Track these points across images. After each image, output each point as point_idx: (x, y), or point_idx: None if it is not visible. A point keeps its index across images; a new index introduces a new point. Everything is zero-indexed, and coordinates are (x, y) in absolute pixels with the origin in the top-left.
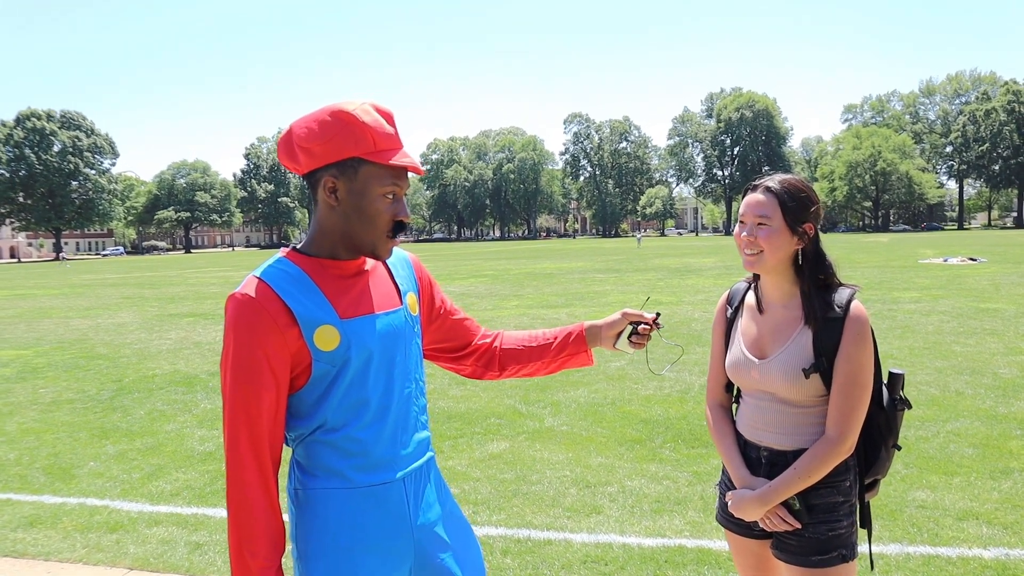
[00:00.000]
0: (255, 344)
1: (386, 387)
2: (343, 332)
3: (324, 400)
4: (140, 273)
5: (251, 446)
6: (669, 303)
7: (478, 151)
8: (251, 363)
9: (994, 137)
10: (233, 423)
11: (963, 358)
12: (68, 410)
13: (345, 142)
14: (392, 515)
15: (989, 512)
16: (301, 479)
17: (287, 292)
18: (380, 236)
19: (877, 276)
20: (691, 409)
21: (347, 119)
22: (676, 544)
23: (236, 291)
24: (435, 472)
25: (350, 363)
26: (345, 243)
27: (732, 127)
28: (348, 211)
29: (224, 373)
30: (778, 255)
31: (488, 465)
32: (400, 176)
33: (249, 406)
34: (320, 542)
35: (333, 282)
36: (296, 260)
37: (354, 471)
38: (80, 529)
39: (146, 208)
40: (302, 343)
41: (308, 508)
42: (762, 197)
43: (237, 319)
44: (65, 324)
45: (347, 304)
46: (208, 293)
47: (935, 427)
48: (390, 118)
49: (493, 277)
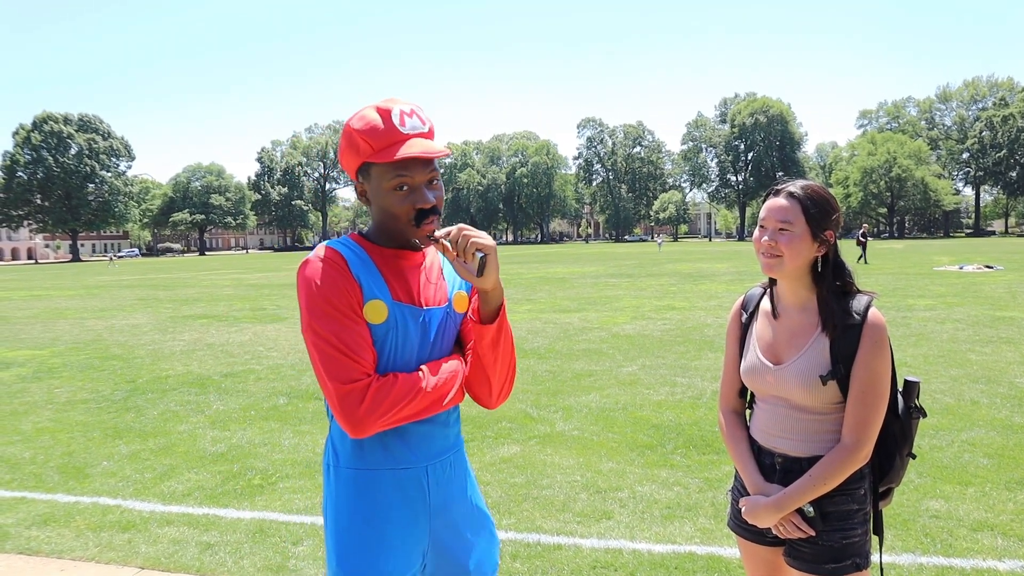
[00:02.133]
0: (337, 288)
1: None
2: (391, 310)
3: None
4: (155, 275)
5: (358, 370)
6: (682, 308)
7: (491, 155)
8: (338, 300)
9: (1011, 143)
10: (329, 360)
11: (978, 367)
12: (82, 410)
13: (351, 153)
14: (410, 500)
15: (1004, 523)
16: (334, 457)
17: (352, 261)
18: (405, 226)
19: (892, 283)
20: (703, 415)
21: (347, 132)
22: (687, 551)
23: (310, 256)
24: (462, 464)
25: (387, 343)
26: (388, 234)
27: (746, 132)
28: (376, 209)
29: (308, 319)
30: (798, 261)
31: (499, 469)
32: (407, 167)
33: (344, 335)
34: (344, 517)
35: (390, 267)
36: (360, 242)
37: (376, 454)
38: (93, 528)
39: (161, 210)
40: (360, 307)
41: (337, 485)
42: (785, 202)
43: (315, 272)
44: (80, 325)
45: (400, 289)
46: (222, 295)
47: (950, 436)
48: (387, 114)
49: (506, 281)
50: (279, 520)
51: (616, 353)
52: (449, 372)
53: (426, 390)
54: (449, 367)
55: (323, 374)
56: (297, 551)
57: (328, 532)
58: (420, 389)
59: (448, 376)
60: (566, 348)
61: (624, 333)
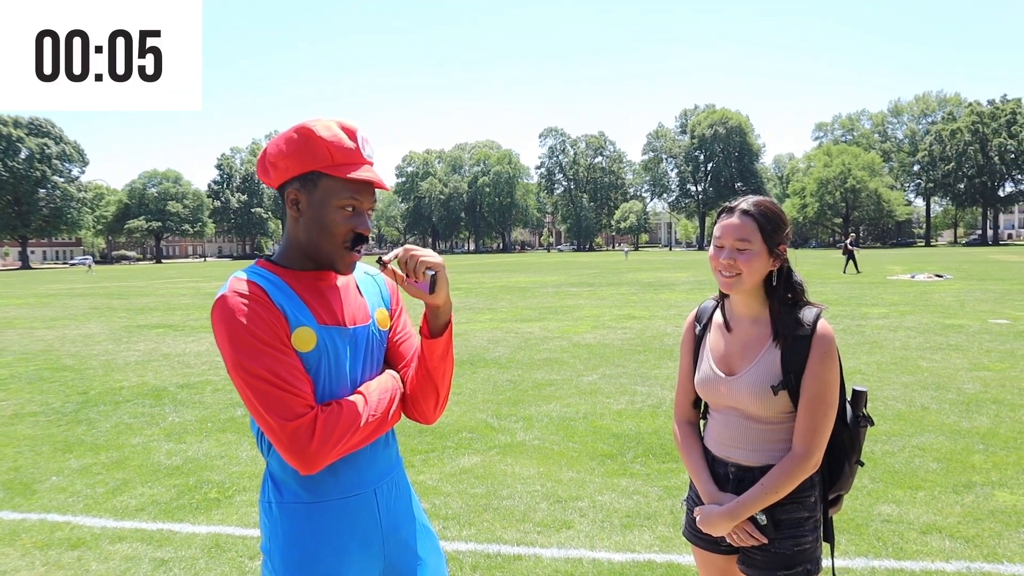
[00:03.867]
0: (261, 321)
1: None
2: (320, 335)
3: None
4: (109, 283)
5: (296, 403)
6: (642, 317)
7: (453, 164)
8: (264, 334)
9: (959, 156)
10: (267, 398)
11: (929, 373)
12: (31, 423)
13: (305, 157)
14: (363, 526)
15: (952, 526)
16: (274, 493)
17: (270, 291)
18: (338, 247)
19: (846, 292)
20: (662, 424)
21: (307, 134)
22: (646, 559)
23: (224, 291)
24: (404, 484)
25: (321, 369)
26: (309, 254)
27: (706, 143)
28: (308, 222)
29: (236, 358)
30: (756, 277)
31: (459, 480)
32: (360, 191)
33: (279, 370)
34: (295, 556)
35: (308, 291)
36: (271, 269)
37: (326, 484)
38: (40, 546)
39: (116, 217)
40: (288, 337)
41: (282, 522)
42: (740, 221)
43: (235, 308)
44: (30, 335)
45: (323, 311)
46: (179, 304)
47: (901, 442)
48: (353, 134)
49: (467, 290)
50: (236, 534)
51: (577, 362)
52: (388, 390)
53: (372, 412)
54: (387, 385)
55: (263, 413)
56: (254, 566)
57: (276, 572)
58: (366, 413)
59: (388, 395)
60: (527, 358)
61: (585, 342)
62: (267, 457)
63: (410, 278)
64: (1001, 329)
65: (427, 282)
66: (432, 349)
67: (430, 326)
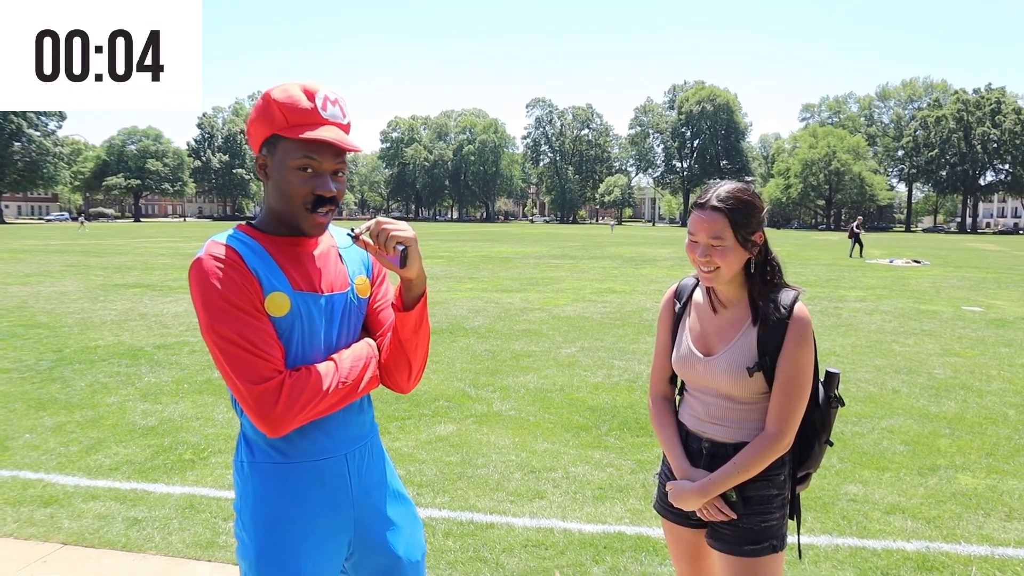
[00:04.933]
0: (234, 285)
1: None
2: (293, 301)
3: None
4: (86, 241)
5: (268, 368)
6: (623, 292)
7: (439, 131)
8: (237, 298)
9: (943, 144)
10: (236, 361)
11: (901, 357)
12: (3, 380)
13: (265, 121)
14: (333, 490)
15: (914, 507)
16: (247, 452)
17: (246, 255)
18: (299, 209)
19: (826, 274)
20: (638, 398)
21: (266, 99)
22: (616, 531)
23: (200, 254)
24: (379, 450)
25: (294, 334)
26: (280, 219)
27: (693, 120)
28: (273, 187)
29: (208, 321)
30: (734, 268)
31: (434, 447)
32: (317, 150)
33: (249, 334)
34: (264, 514)
35: (285, 256)
36: (250, 233)
37: (296, 446)
38: (12, 503)
39: (94, 174)
40: (261, 302)
41: (253, 481)
42: (712, 217)
43: (210, 271)
44: (3, 290)
45: (299, 277)
46: (157, 264)
47: (871, 423)
48: (312, 95)
49: (449, 259)
50: (210, 496)
51: (556, 334)
52: (363, 358)
53: (342, 379)
54: (361, 353)
55: (232, 375)
56: (228, 527)
57: (247, 531)
58: (335, 380)
59: (362, 363)
60: (506, 328)
61: (564, 315)
62: (241, 418)
63: (381, 250)
64: (974, 316)
65: (397, 256)
66: (404, 322)
67: (404, 299)
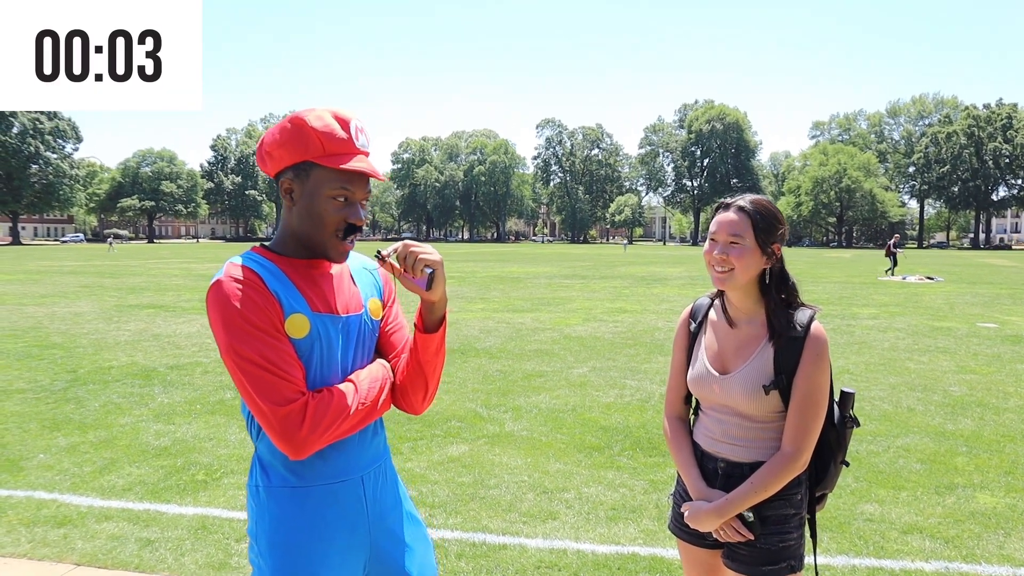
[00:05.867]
0: (255, 306)
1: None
2: (313, 322)
3: None
4: (100, 262)
5: (290, 391)
6: (634, 311)
7: (450, 152)
8: (258, 319)
9: (954, 159)
10: (259, 383)
11: (916, 375)
12: (19, 400)
13: (297, 147)
14: (349, 512)
15: (932, 526)
16: (263, 477)
17: (266, 277)
18: (330, 237)
19: (838, 292)
20: (650, 418)
21: (299, 124)
22: (630, 552)
23: (219, 276)
24: (392, 471)
25: (313, 356)
26: (303, 243)
27: (703, 139)
28: (301, 212)
29: (229, 342)
30: (748, 273)
31: (447, 468)
32: (352, 181)
33: (271, 355)
34: (282, 539)
35: (303, 278)
36: (267, 255)
37: (314, 469)
38: (26, 523)
39: (109, 195)
40: (282, 323)
41: (269, 506)
42: (735, 216)
43: (230, 293)
44: (20, 311)
45: (317, 299)
46: (170, 285)
47: (886, 442)
48: (346, 124)
49: (460, 279)
50: (222, 516)
51: (567, 354)
52: (379, 380)
53: (361, 400)
54: (377, 374)
55: (255, 397)
56: (240, 548)
57: (263, 556)
58: (356, 401)
59: (379, 384)
60: (518, 348)
61: (576, 335)
62: (256, 441)
63: (408, 273)
64: (989, 333)
65: (424, 279)
66: (426, 344)
67: (425, 321)
